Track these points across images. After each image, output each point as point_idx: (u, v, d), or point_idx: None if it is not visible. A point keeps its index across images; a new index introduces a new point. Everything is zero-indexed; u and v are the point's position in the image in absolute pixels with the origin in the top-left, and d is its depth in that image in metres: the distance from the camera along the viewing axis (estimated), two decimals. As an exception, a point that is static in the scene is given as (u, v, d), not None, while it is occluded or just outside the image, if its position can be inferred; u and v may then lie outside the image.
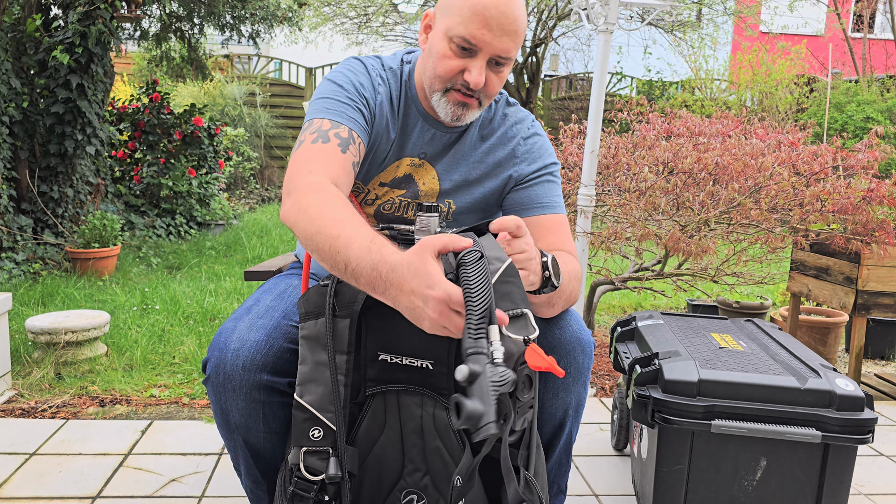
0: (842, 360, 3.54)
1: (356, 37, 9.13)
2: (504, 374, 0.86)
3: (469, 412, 0.80)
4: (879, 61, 11.58)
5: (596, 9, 2.78)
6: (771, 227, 2.86)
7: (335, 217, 1.07)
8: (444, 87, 1.26)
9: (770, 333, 1.96)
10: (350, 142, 1.23)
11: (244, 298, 4.12)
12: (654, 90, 9.95)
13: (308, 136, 1.23)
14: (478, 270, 0.93)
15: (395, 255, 0.97)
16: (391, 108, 1.35)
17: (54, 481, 1.95)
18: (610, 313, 4.30)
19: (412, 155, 1.38)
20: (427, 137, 1.37)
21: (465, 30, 1.19)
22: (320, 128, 1.23)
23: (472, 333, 0.88)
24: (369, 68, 1.34)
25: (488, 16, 1.18)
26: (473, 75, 1.22)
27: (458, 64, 1.23)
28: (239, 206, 8.24)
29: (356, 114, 1.27)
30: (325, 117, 1.25)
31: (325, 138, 1.21)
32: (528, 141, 1.41)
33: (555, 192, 1.40)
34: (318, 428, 1.09)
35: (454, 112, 1.28)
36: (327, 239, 1.04)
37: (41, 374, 2.71)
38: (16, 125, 4.63)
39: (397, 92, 1.36)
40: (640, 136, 3.21)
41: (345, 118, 1.25)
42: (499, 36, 1.20)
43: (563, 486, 1.46)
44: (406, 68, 1.38)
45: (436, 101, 1.29)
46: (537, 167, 1.40)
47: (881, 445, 2.43)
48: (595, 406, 2.68)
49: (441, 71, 1.24)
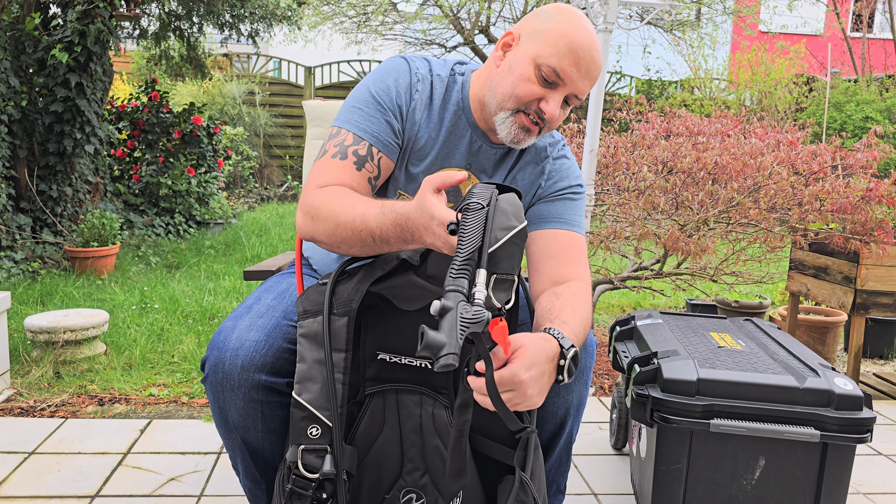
0: (840, 359, 3.54)
1: (355, 36, 9.12)
2: (478, 313, 0.87)
3: (429, 341, 0.82)
4: (878, 61, 11.59)
5: (595, 8, 2.78)
6: (770, 227, 2.87)
7: (344, 204, 1.16)
8: (516, 108, 1.27)
9: (769, 333, 1.96)
10: (367, 159, 1.28)
11: (243, 297, 4.12)
12: (654, 89, 9.94)
13: (331, 147, 1.29)
14: (474, 217, 0.97)
15: (406, 205, 1.07)
16: (429, 113, 1.35)
17: (53, 480, 1.94)
18: (609, 312, 4.30)
19: (458, 165, 1.38)
20: (474, 149, 1.37)
21: (558, 63, 1.22)
22: (343, 142, 1.29)
23: (454, 272, 0.92)
24: (412, 69, 1.35)
25: (581, 56, 1.23)
26: (551, 106, 1.25)
27: (539, 91, 1.25)
28: (238, 206, 8.23)
29: (383, 127, 1.30)
30: (350, 130, 1.30)
31: (343, 154, 1.27)
32: (556, 161, 1.44)
33: (576, 210, 1.41)
34: (315, 426, 1.09)
35: (517, 135, 1.29)
36: (346, 225, 1.14)
37: (40, 373, 2.71)
38: (14, 124, 4.62)
39: (440, 98, 1.36)
40: (639, 135, 3.21)
41: (367, 134, 1.29)
42: (583, 77, 1.25)
43: (563, 486, 1.46)
44: (459, 80, 1.39)
45: (501, 118, 1.29)
46: (563, 186, 1.42)
47: (880, 445, 2.44)
48: (594, 405, 2.68)
49: (520, 92, 1.25)
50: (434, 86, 1.36)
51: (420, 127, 1.34)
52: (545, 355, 1.04)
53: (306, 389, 1.10)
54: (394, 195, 1.38)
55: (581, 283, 1.30)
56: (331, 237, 1.17)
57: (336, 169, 1.26)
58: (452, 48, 9.34)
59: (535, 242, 1.37)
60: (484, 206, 0.99)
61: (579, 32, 1.23)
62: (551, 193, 1.41)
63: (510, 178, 1.41)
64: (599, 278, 3.31)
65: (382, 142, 1.30)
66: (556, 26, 1.24)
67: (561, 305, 1.20)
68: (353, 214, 1.13)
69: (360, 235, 1.13)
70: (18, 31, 4.73)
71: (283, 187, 9.66)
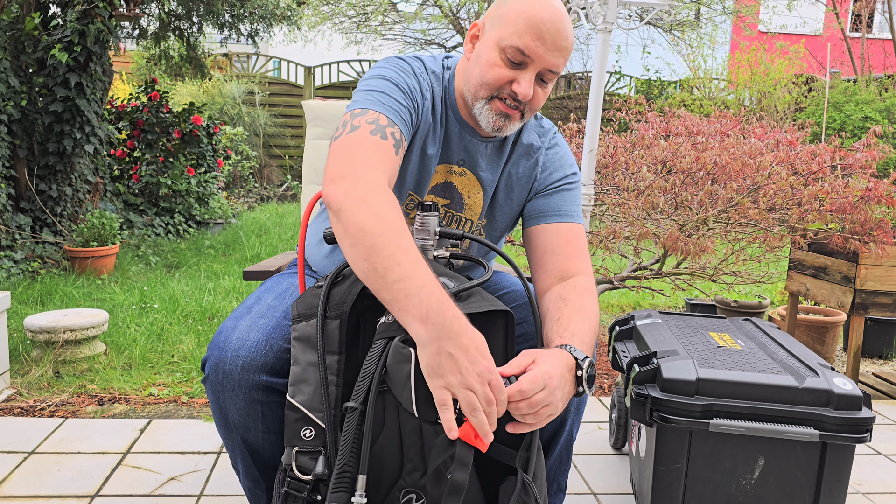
0: (840, 359, 3.55)
1: (355, 35, 9.13)
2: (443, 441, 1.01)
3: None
4: (878, 61, 11.59)
5: (594, 8, 2.78)
6: (769, 227, 2.87)
7: (403, 230, 1.03)
8: (490, 94, 1.25)
9: (768, 332, 1.97)
10: (400, 145, 1.21)
11: (243, 297, 4.13)
12: (653, 89, 9.95)
13: (366, 124, 1.17)
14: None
15: (459, 311, 0.98)
16: (433, 113, 1.34)
17: (53, 480, 1.95)
18: (608, 312, 4.31)
19: (451, 162, 1.38)
20: (466, 144, 1.37)
21: (520, 41, 1.20)
22: (378, 121, 1.18)
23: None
24: (416, 71, 1.33)
25: (543, 30, 1.19)
26: (523, 86, 1.22)
27: (508, 74, 1.23)
28: (238, 205, 8.23)
29: (407, 117, 1.25)
30: (381, 112, 1.20)
31: (383, 134, 1.17)
32: (549, 151, 1.42)
33: (574, 200, 1.41)
34: (309, 428, 1.09)
35: (495, 122, 1.27)
36: (390, 244, 1.00)
37: (40, 373, 2.71)
38: (14, 124, 4.62)
39: (441, 97, 1.35)
40: (638, 135, 3.22)
41: (398, 119, 1.22)
42: (551, 50, 1.21)
43: (563, 485, 1.46)
44: (447, 74, 1.37)
45: (478, 108, 1.27)
46: (558, 177, 1.41)
47: (879, 444, 2.44)
48: (593, 405, 2.68)
49: (489, 78, 1.24)
50: (433, 84, 1.36)
51: (429, 124, 1.34)
52: (564, 364, 1.08)
53: (300, 391, 1.10)
54: (404, 196, 1.38)
55: (585, 277, 1.31)
56: (360, 231, 1.03)
57: (378, 149, 1.15)
58: (452, 48, 9.33)
59: (537, 238, 1.37)
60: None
61: (538, 6, 1.20)
62: (547, 186, 1.41)
63: (505, 173, 1.41)
64: (599, 278, 3.31)
65: (408, 131, 1.25)
66: (514, 6, 1.22)
67: (570, 314, 1.21)
68: (408, 246, 1.00)
69: (387, 261, 0.99)
70: (18, 30, 4.72)
71: (282, 187, 9.66)
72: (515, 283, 1.46)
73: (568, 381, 1.08)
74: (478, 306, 1.09)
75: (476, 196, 1.40)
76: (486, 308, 1.10)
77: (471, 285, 1.11)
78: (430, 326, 0.96)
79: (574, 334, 1.16)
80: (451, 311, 0.97)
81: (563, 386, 1.07)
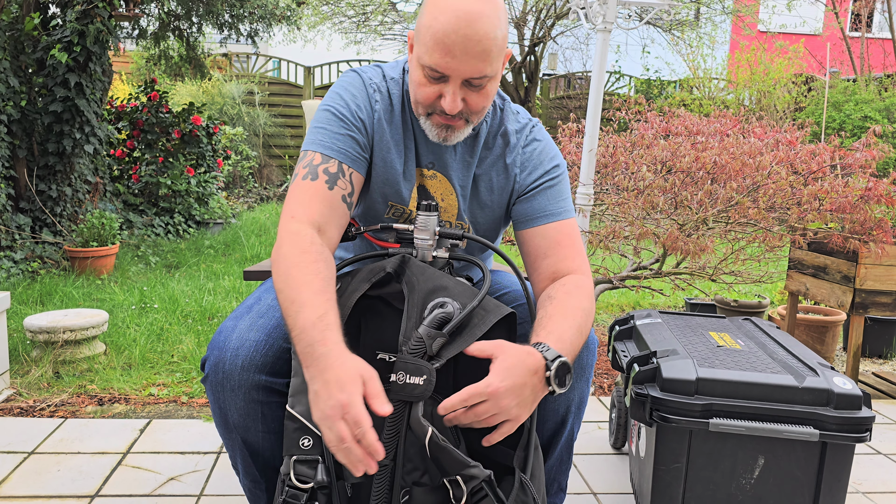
0: (840, 358, 3.55)
1: (354, 35, 9.13)
2: None
3: None
4: (877, 60, 11.58)
5: (594, 8, 2.78)
6: (769, 226, 2.87)
7: (297, 280, 1.10)
8: (426, 111, 1.25)
9: (768, 332, 1.97)
10: (339, 176, 1.24)
11: (243, 297, 4.13)
12: (653, 89, 9.95)
13: (301, 170, 1.25)
14: None
15: (336, 344, 1.02)
16: (391, 119, 1.33)
17: (53, 480, 1.95)
18: (608, 312, 4.31)
19: (421, 165, 1.36)
20: (431, 146, 1.35)
21: (430, 59, 1.17)
22: (311, 162, 1.24)
23: None
24: (366, 81, 1.32)
25: (449, 43, 1.15)
26: (447, 102, 1.20)
27: (434, 90, 1.21)
28: (237, 205, 8.23)
29: (349, 142, 1.26)
30: (317, 150, 1.25)
31: (314, 175, 1.23)
32: (526, 149, 1.38)
33: (559, 196, 1.36)
34: (307, 437, 1.08)
35: (439, 133, 1.27)
36: (285, 299, 1.09)
37: (39, 373, 2.71)
38: (14, 124, 4.62)
39: (399, 101, 1.34)
40: (638, 135, 3.22)
41: (335, 150, 1.25)
42: (465, 60, 1.16)
43: (564, 484, 1.46)
44: (407, 77, 1.35)
45: (423, 123, 1.28)
46: (537, 175, 1.37)
47: (879, 444, 2.44)
48: (593, 405, 2.68)
49: (419, 97, 1.24)
50: (391, 91, 1.34)
51: (389, 134, 1.32)
52: (525, 368, 1.05)
53: (299, 402, 1.09)
54: (384, 208, 1.37)
55: (578, 275, 1.29)
56: (276, 289, 1.13)
57: (309, 192, 1.21)
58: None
59: (527, 243, 1.35)
60: None
61: (441, 18, 1.15)
62: (528, 187, 1.37)
63: (480, 171, 1.37)
64: (598, 278, 3.31)
65: (351, 157, 1.26)
66: (423, 20, 1.19)
67: (552, 311, 1.19)
68: (295, 297, 1.07)
69: (286, 317, 1.08)
70: (18, 30, 4.72)
71: (282, 187, 9.66)
72: (515, 283, 1.46)
73: (531, 385, 1.06)
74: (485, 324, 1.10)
75: (450, 198, 1.37)
76: (490, 324, 1.09)
77: (469, 310, 1.10)
78: (308, 370, 1.03)
79: (551, 332, 1.14)
80: (322, 348, 1.01)
81: (520, 392, 1.04)
